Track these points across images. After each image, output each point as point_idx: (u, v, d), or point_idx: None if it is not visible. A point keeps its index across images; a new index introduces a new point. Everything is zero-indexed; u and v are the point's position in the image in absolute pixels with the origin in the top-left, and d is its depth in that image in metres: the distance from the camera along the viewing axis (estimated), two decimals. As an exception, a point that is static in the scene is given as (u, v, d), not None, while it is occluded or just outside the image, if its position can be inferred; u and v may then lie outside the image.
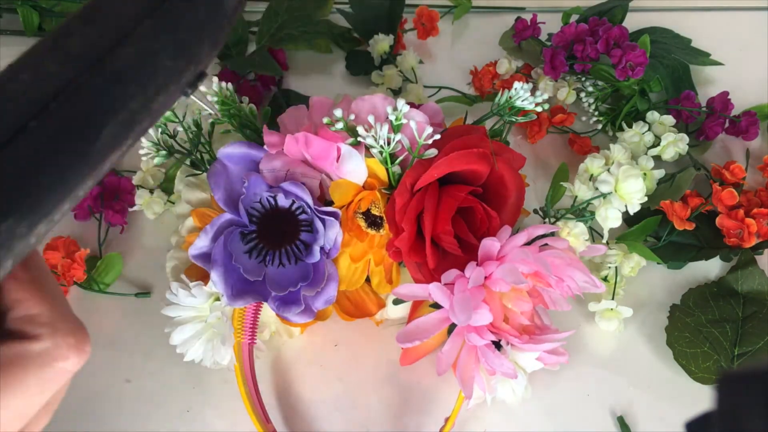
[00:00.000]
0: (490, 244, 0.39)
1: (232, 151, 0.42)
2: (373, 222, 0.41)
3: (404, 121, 0.39)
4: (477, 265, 0.39)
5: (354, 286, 0.43)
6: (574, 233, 0.43)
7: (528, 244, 0.40)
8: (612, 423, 0.45)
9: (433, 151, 0.40)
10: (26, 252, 0.20)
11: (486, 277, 0.39)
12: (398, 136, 0.39)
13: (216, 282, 0.40)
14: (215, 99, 0.44)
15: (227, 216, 0.41)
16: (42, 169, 0.19)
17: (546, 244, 0.41)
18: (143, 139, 0.43)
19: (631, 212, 0.44)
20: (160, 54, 0.21)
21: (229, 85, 0.45)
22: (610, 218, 0.44)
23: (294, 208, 0.41)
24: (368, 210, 0.41)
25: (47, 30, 0.66)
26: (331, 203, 0.41)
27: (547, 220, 0.47)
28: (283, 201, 0.41)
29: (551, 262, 0.39)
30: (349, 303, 0.44)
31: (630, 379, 0.46)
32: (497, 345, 0.40)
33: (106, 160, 0.21)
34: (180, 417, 0.45)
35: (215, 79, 0.45)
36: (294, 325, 0.45)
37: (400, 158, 0.40)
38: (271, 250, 0.42)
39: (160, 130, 0.44)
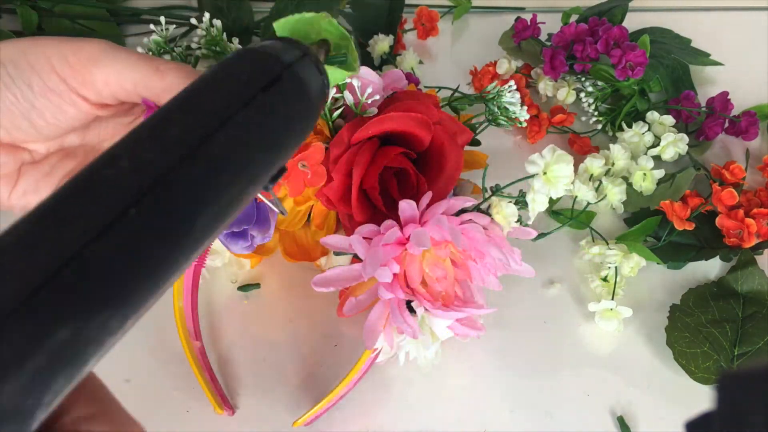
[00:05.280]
0: (406, 207, 0.40)
1: None
2: None
3: (348, 80, 0.40)
4: (401, 226, 0.40)
5: (292, 228, 0.44)
6: (503, 213, 0.43)
7: (458, 216, 0.41)
8: (612, 423, 0.45)
9: (373, 110, 0.42)
10: (111, 347, 0.19)
11: (408, 239, 0.40)
12: (346, 95, 0.41)
13: None
14: (204, 34, 0.47)
15: None
16: (139, 261, 0.18)
17: (471, 219, 0.42)
18: None
19: (554, 197, 0.43)
20: (254, 146, 0.21)
21: (218, 22, 0.47)
22: (537, 201, 0.43)
23: None
24: None
25: (46, 30, 0.67)
26: None
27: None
28: None
29: (472, 236, 0.40)
30: (295, 246, 0.46)
31: (630, 379, 0.46)
32: (411, 308, 0.40)
33: (196, 252, 0.20)
34: (180, 417, 0.45)
35: (206, 15, 0.47)
36: (245, 257, 0.48)
37: (338, 112, 0.42)
38: None
39: (150, 54, 0.47)
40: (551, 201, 0.53)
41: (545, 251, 0.53)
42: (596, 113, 0.60)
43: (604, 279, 0.50)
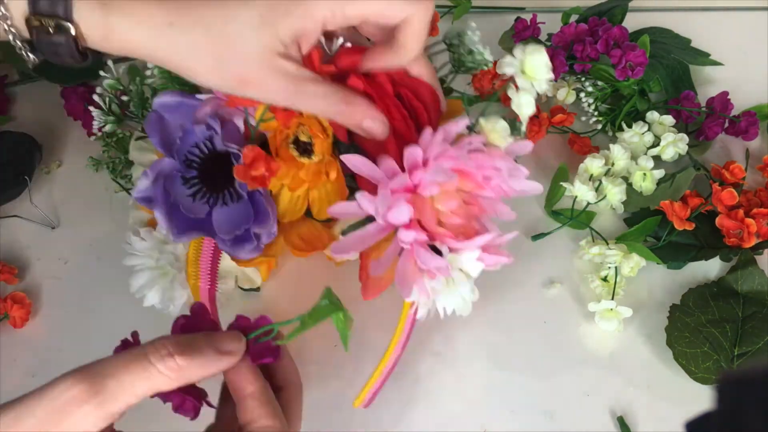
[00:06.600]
0: (413, 152, 0.38)
1: (166, 101, 0.43)
2: (305, 149, 0.41)
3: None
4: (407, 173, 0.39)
5: (295, 216, 0.44)
6: (496, 129, 0.41)
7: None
8: (612, 423, 0.45)
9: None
10: None
11: (416, 186, 0.38)
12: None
13: (159, 220, 0.41)
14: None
15: (166, 160, 0.42)
16: None
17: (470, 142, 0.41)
18: (92, 110, 0.46)
19: (540, 91, 0.41)
20: None
21: None
22: (523, 104, 0.42)
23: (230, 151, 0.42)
24: (296, 138, 0.41)
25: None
26: (257, 140, 0.42)
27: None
28: (219, 145, 0.41)
29: (475, 156, 0.39)
30: (300, 240, 0.45)
31: (630, 379, 0.46)
32: (437, 252, 0.39)
33: None
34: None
35: None
36: (254, 264, 0.47)
37: None
38: (214, 193, 0.43)
39: (108, 99, 0.46)
40: (550, 200, 0.54)
41: (545, 251, 0.53)
42: (596, 113, 0.60)
43: (604, 279, 0.50)
